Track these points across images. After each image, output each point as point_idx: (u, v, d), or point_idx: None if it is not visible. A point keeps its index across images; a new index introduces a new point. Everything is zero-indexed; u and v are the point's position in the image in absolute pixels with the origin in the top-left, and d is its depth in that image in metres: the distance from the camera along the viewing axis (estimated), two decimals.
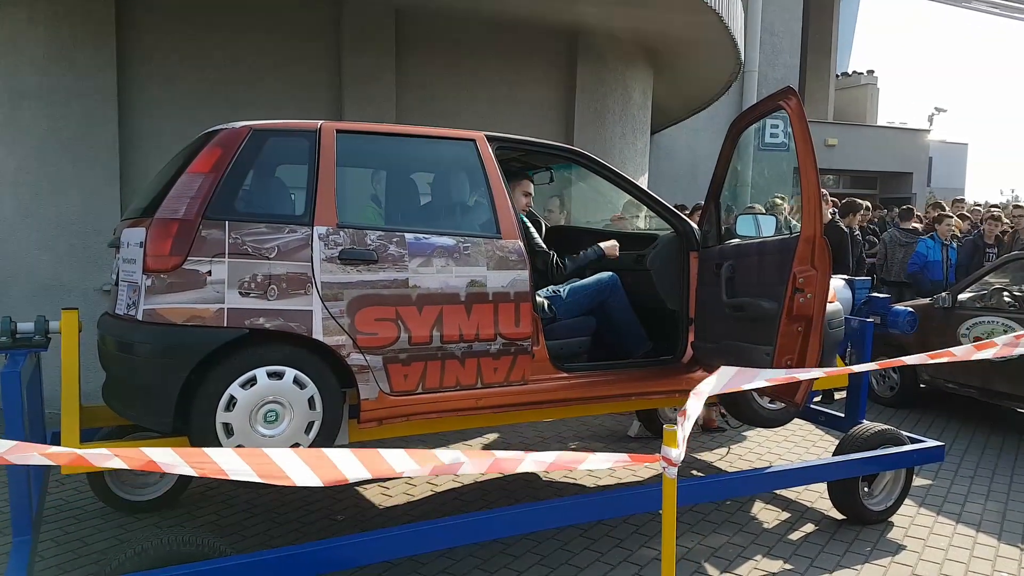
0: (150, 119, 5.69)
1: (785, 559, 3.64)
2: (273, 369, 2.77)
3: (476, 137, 3.38)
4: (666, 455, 2.00)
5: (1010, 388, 5.62)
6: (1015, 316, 5.65)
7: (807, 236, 3.05)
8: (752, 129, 14.51)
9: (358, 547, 2.78)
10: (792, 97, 3.15)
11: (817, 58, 18.89)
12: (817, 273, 3.05)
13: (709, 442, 5.51)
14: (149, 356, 2.67)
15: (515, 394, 3.24)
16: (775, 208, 6.75)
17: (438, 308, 3.03)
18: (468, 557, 3.54)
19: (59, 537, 3.70)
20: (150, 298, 2.69)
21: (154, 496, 4.02)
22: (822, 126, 18.14)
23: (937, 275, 7.50)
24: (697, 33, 6.92)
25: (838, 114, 20.47)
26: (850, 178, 19.94)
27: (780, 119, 14.76)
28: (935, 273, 7.50)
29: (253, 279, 2.76)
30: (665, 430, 2.06)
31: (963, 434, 5.80)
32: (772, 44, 14.20)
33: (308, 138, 3.03)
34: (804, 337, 3.09)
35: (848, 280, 4.78)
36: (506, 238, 3.23)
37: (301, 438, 2.83)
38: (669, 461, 1.98)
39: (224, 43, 5.85)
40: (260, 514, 4.05)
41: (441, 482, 4.55)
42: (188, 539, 2.61)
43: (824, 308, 3.10)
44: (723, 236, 3.82)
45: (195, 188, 2.78)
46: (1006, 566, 3.63)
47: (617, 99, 7.36)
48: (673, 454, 1.97)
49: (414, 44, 6.43)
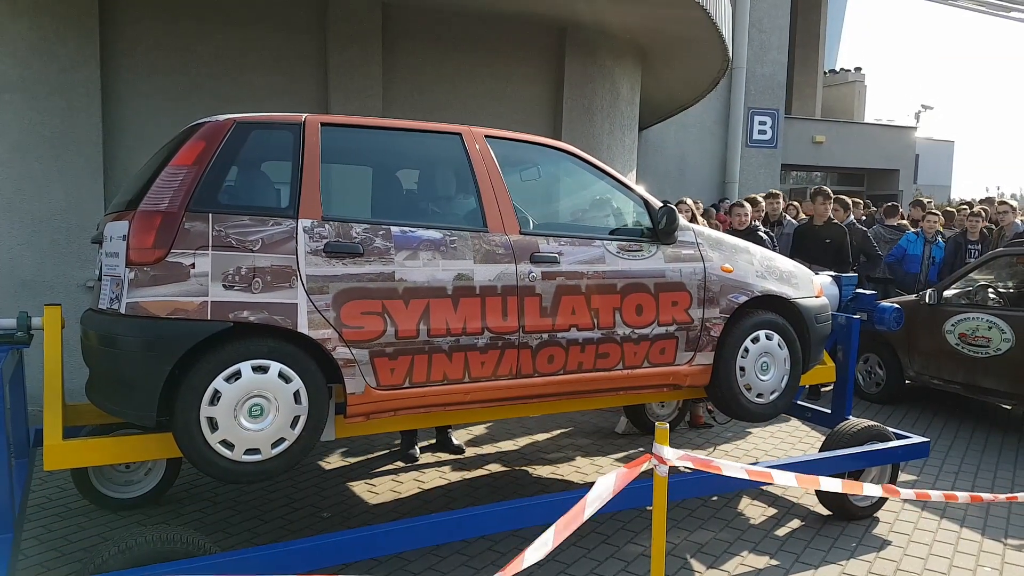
0: (134, 113, 5.62)
1: (771, 555, 3.65)
2: (258, 363, 2.74)
3: (462, 131, 3.36)
4: (658, 453, 1.99)
5: (994, 384, 5.67)
6: (1000, 312, 5.70)
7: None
8: (741, 125, 14.58)
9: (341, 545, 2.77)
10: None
11: (805, 55, 18.98)
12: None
13: (696, 438, 5.53)
14: (132, 350, 2.64)
15: (503, 389, 3.22)
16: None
17: (425, 302, 3.01)
18: (455, 554, 3.53)
19: (42, 535, 3.66)
20: (133, 291, 2.65)
21: (139, 494, 3.99)
22: (810, 123, 18.25)
23: (914, 268, 7.57)
24: (685, 29, 6.92)
25: (825, 111, 20.58)
26: (837, 175, 20.06)
27: (769, 115, 14.85)
28: (912, 266, 7.58)
29: (237, 272, 2.73)
30: (657, 428, 2.05)
31: (948, 430, 5.85)
32: (760, 41, 14.24)
33: (292, 131, 3.00)
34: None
35: (835, 276, 4.79)
36: (493, 231, 3.22)
37: (287, 433, 2.80)
38: (661, 459, 1.97)
39: (209, 36, 5.80)
40: (245, 511, 4.03)
41: (428, 478, 4.54)
42: (173, 536, 2.59)
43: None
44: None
45: (178, 180, 2.74)
46: (989, 561, 3.65)
47: (605, 95, 7.35)
48: (666, 452, 1.97)
49: (401, 37, 6.39)
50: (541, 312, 3.24)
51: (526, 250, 3.25)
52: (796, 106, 18.57)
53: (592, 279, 3.37)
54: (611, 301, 3.41)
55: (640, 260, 3.52)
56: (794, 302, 3.96)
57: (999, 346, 5.58)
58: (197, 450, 2.69)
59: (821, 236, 6.62)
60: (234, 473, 2.76)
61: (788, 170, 17.83)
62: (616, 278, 3.43)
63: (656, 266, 3.56)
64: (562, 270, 3.31)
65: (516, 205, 3.35)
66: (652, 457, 2.02)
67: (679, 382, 3.68)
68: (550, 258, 3.29)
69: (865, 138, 19.09)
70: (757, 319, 3.83)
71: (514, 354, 3.20)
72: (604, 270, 3.41)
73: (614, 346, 3.43)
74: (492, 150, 3.37)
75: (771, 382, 3.87)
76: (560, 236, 3.38)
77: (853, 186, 19.64)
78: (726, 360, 3.74)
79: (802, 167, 19.03)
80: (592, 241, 3.45)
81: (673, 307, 3.58)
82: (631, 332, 3.47)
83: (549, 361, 3.29)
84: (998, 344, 5.58)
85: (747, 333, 3.80)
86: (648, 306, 3.51)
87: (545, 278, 3.27)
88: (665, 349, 3.58)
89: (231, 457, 2.73)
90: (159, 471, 4.04)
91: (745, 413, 3.86)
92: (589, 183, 3.79)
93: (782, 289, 3.94)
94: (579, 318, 3.33)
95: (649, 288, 3.51)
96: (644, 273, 3.52)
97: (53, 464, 2.83)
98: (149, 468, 4.03)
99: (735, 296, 3.75)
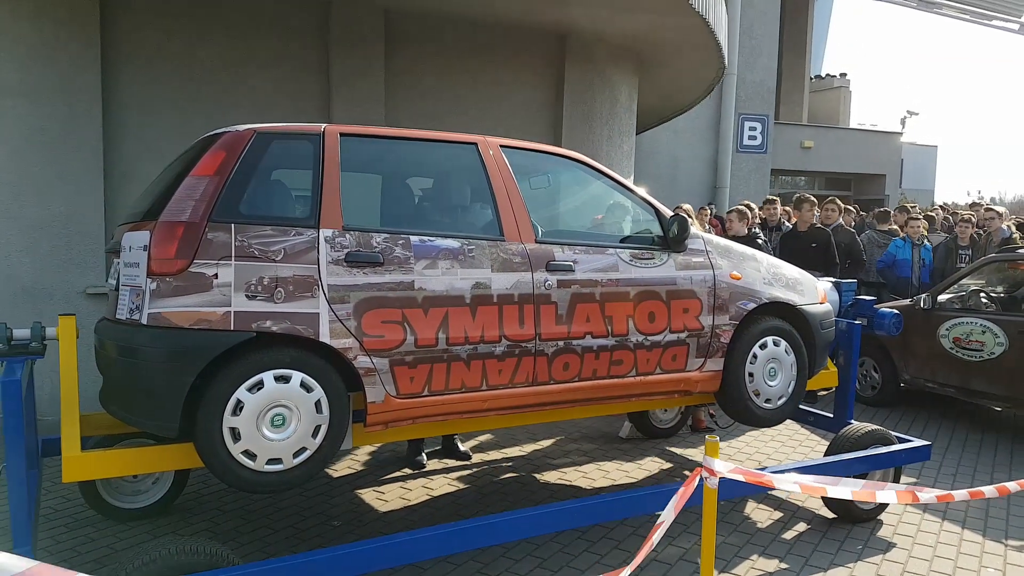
0: (135, 119, 5.59)
1: (780, 558, 3.70)
2: (280, 373, 2.74)
3: (478, 140, 3.39)
4: (708, 465, 2.02)
5: (987, 387, 5.77)
6: (993, 317, 5.79)
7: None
8: (732, 130, 14.70)
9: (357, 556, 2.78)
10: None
11: (792, 61, 19.19)
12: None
13: (698, 442, 5.57)
14: (155, 360, 2.63)
15: (520, 396, 3.24)
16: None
17: (444, 310, 3.02)
18: (469, 561, 3.55)
19: (51, 547, 3.63)
20: (155, 302, 2.65)
21: (147, 504, 3.97)
22: (798, 128, 18.45)
23: (905, 273, 7.70)
24: (683, 36, 6.99)
25: (811, 116, 20.82)
26: (825, 180, 20.29)
27: (759, 121, 15.00)
28: (903, 271, 7.71)
29: (260, 282, 2.74)
30: (708, 440, 2.08)
31: (943, 432, 5.93)
32: (751, 47, 14.38)
33: (312, 141, 3.01)
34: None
35: (835, 283, 4.86)
36: (509, 240, 3.24)
37: (308, 442, 2.81)
38: (711, 471, 2.00)
39: (210, 43, 5.78)
40: (255, 520, 4.01)
41: (437, 485, 4.55)
42: (195, 548, 2.59)
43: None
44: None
45: (200, 191, 2.74)
46: (992, 562, 3.72)
47: (604, 101, 7.41)
48: (716, 465, 2.00)
49: (403, 44, 6.41)
50: (557, 320, 3.27)
51: (542, 258, 3.28)
52: (783, 112, 18.77)
53: (606, 287, 3.40)
54: (625, 309, 3.44)
55: (652, 268, 3.56)
56: (800, 308, 4.02)
57: (993, 350, 5.67)
58: (219, 461, 2.69)
59: (807, 241, 6.82)
60: (256, 483, 2.76)
61: (777, 175, 18.01)
62: (629, 286, 3.47)
63: (668, 274, 3.60)
64: (577, 278, 3.34)
65: (530, 214, 3.37)
66: (703, 470, 2.05)
67: (690, 388, 3.72)
68: (565, 266, 3.32)
69: (852, 143, 19.34)
70: (765, 325, 3.88)
71: (531, 362, 3.22)
72: (618, 278, 3.45)
73: (627, 353, 3.46)
74: (507, 159, 3.40)
75: (779, 387, 3.93)
76: (575, 244, 3.41)
77: (840, 191, 19.86)
78: (735, 366, 3.79)
79: (791, 172, 19.24)
80: (605, 249, 3.48)
81: (684, 314, 3.62)
82: (644, 339, 3.50)
83: (564, 368, 3.32)
84: (992, 348, 5.68)
85: (755, 339, 3.85)
86: (660, 313, 3.55)
87: (561, 286, 3.29)
88: (677, 356, 3.62)
89: (253, 467, 2.73)
90: (167, 481, 4.02)
91: (754, 418, 3.91)
92: (601, 192, 3.83)
93: (788, 296, 3.99)
94: (594, 325, 3.36)
95: (661, 296, 3.55)
96: (656, 281, 3.55)
97: (72, 476, 2.81)
98: (157, 478, 4.00)
99: (744, 303, 3.80)
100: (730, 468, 2.14)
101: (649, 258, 3.58)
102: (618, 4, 6.12)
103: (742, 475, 2.23)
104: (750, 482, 2.30)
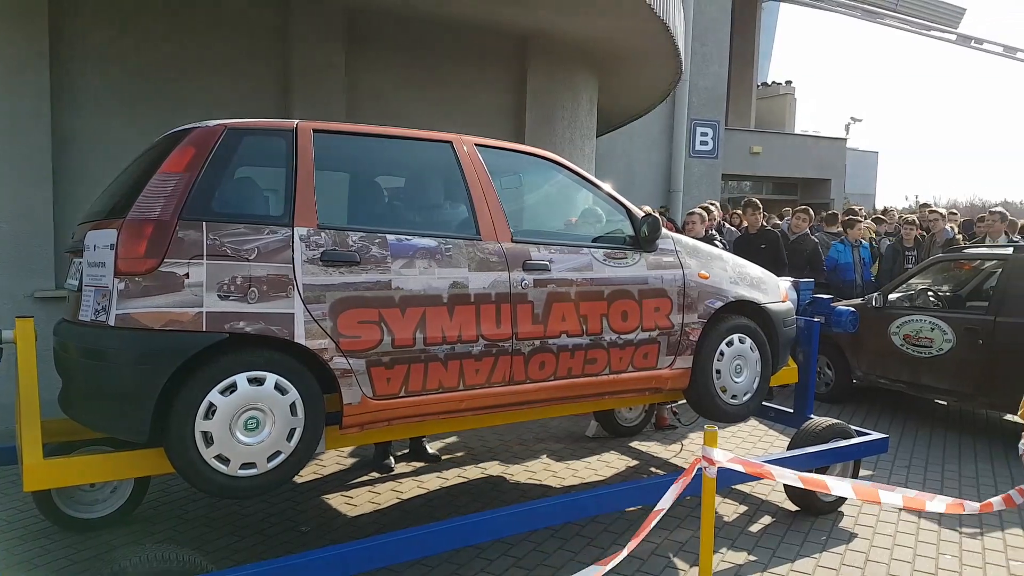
0: (87, 117, 5.40)
1: (749, 551, 3.77)
2: (254, 375, 2.67)
3: (452, 139, 3.37)
4: (707, 455, 2.05)
5: (936, 382, 6.01)
6: (941, 315, 6.03)
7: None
8: (684, 136, 14.98)
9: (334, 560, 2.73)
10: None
11: (740, 68, 19.64)
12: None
13: (663, 439, 5.65)
14: (124, 363, 2.53)
15: (496, 396, 3.24)
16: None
17: (421, 310, 3.00)
18: (443, 563, 3.52)
19: (4, 558, 3.46)
20: (124, 302, 2.55)
21: (105, 513, 3.82)
22: (746, 134, 18.90)
23: (849, 275, 7.89)
24: (643, 40, 7.09)
25: (759, 122, 21.35)
26: (772, 184, 20.83)
27: (710, 127, 15.32)
28: (847, 274, 7.90)
29: (233, 281, 2.67)
30: (706, 430, 2.11)
31: (895, 427, 6.15)
32: (702, 54, 14.67)
33: (285, 137, 2.95)
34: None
35: (794, 281, 5.00)
36: (486, 239, 3.23)
37: (283, 446, 2.74)
38: (711, 461, 2.03)
39: (166, 40, 5.62)
40: (219, 528, 3.90)
41: (406, 488, 4.50)
42: (168, 555, 2.51)
43: None
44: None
45: (170, 188, 2.66)
46: (949, 549, 3.87)
47: (566, 104, 7.46)
48: (716, 454, 2.03)
49: (365, 43, 6.34)
50: (533, 319, 3.28)
51: (519, 258, 3.28)
52: (732, 118, 19.20)
53: (581, 286, 3.43)
54: (599, 308, 3.47)
55: (625, 267, 3.60)
56: (764, 307, 4.12)
57: (941, 346, 5.91)
58: (191, 466, 2.61)
59: (757, 243, 7.10)
60: (230, 489, 2.69)
61: (727, 179, 18.41)
62: (603, 285, 3.50)
63: (640, 273, 3.64)
64: (553, 277, 3.35)
65: (506, 213, 3.37)
66: (702, 459, 2.08)
67: (661, 386, 3.77)
68: (542, 266, 3.33)
69: (798, 149, 19.90)
70: (731, 323, 3.96)
71: (507, 361, 3.22)
72: (592, 277, 3.47)
73: (601, 352, 3.49)
74: (482, 158, 3.39)
75: (744, 384, 4.01)
76: (550, 244, 3.42)
77: (787, 195, 20.44)
78: (704, 363, 3.85)
79: (739, 177, 19.69)
80: (580, 249, 3.51)
81: (655, 313, 3.67)
82: (617, 338, 3.53)
83: (541, 368, 3.33)
84: (940, 344, 5.91)
85: (722, 337, 3.92)
86: (633, 312, 3.58)
87: (537, 285, 3.30)
88: (648, 354, 3.67)
89: (226, 472, 2.66)
90: (126, 489, 3.87)
91: (721, 414, 3.98)
92: (575, 192, 3.86)
93: (753, 294, 4.08)
94: (569, 324, 3.38)
95: (633, 295, 3.59)
96: (629, 280, 3.59)
97: (34, 485, 2.69)
98: (115, 486, 3.85)
99: (711, 302, 3.87)
100: (729, 457, 2.19)
101: (622, 258, 3.62)
102: (572, 5, 6.15)
103: (741, 465, 2.27)
104: (749, 472, 2.34)
